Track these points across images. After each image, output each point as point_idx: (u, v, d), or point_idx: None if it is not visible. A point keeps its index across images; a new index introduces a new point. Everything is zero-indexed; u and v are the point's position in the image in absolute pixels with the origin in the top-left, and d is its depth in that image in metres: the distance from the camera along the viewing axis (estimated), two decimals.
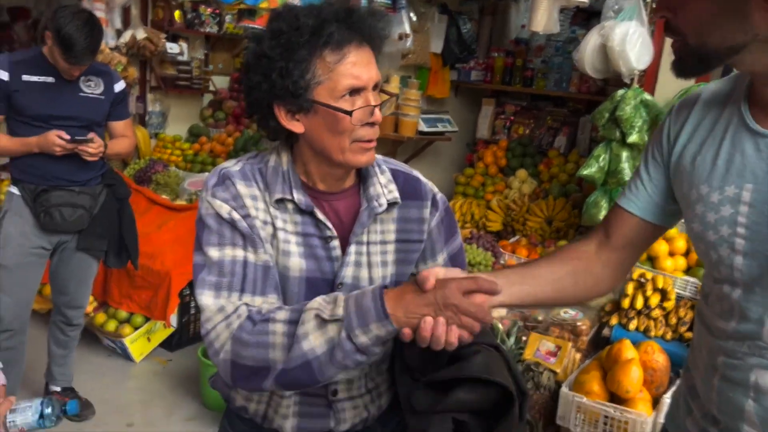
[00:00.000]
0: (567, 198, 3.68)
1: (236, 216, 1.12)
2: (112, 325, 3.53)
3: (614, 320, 2.58)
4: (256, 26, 3.39)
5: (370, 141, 1.13)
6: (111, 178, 2.88)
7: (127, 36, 4.21)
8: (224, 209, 1.12)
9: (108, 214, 2.85)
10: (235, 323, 1.07)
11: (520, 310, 2.72)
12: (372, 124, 1.12)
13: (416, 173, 1.29)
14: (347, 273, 1.17)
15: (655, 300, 2.56)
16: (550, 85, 4.34)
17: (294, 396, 1.21)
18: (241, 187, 1.14)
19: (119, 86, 2.77)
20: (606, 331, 2.58)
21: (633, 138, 2.82)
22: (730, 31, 0.89)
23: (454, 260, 1.30)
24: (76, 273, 2.85)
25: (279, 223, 1.14)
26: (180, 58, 4.63)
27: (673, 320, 2.54)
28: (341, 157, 1.12)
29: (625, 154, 2.87)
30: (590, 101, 4.23)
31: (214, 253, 1.11)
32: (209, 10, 4.68)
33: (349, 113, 1.09)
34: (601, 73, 3.06)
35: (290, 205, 1.15)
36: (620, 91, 2.90)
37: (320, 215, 1.15)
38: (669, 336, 2.52)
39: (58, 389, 3.00)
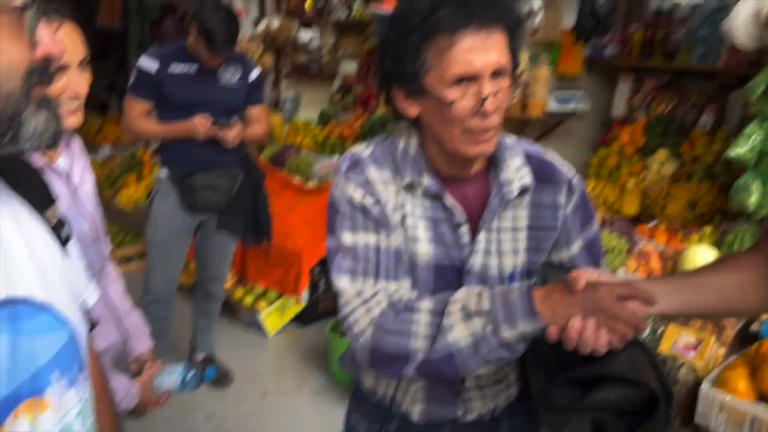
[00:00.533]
0: (713, 181, 3.39)
1: (369, 201, 1.12)
2: (249, 300, 3.76)
3: (765, 314, 2.34)
4: (383, 12, 3.42)
5: (484, 132, 1.07)
6: (248, 162, 3.05)
7: (262, 25, 4.42)
8: (357, 194, 1.12)
9: (245, 195, 3.02)
10: (376, 310, 1.08)
11: None
12: (484, 115, 1.06)
13: (552, 155, 1.23)
14: (476, 260, 1.15)
15: None
16: (696, 58, 3.98)
17: (423, 382, 1.21)
18: (373, 172, 1.14)
19: (255, 73, 2.92)
20: (755, 326, 2.35)
21: None
22: None
23: (590, 249, 1.23)
24: (217, 249, 3.06)
25: (408, 208, 1.14)
26: (311, 45, 4.79)
27: None
28: (452, 145, 1.09)
29: None
30: (742, 75, 3.83)
31: (347, 238, 1.13)
32: None
33: (450, 103, 1.05)
34: (755, 43, 2.77)
35: (419, 190, 1.14)
36: None
37: (449, 200, 1.13)
38: None
39: (201, 356, 3.25)
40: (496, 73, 1.05)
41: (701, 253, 2.58)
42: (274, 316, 3.75)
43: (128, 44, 6.10)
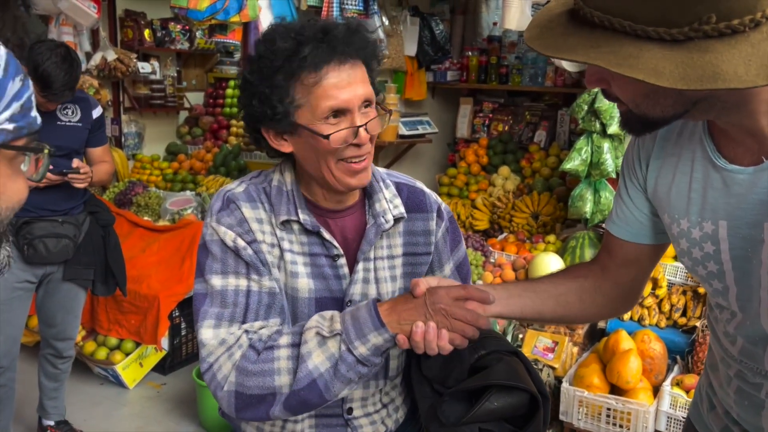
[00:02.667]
0: (551, 192, 3.69)
1: (241, 243, 1.11)
2: (102, 353, 3.47)
3: (602, 320, 2.59)
4: (228, 41, 3.36)
5: (358, 161, 1.10)
6: (94, 205, 2.84)
7: (97, 58, 4.15)
8: (229, 236, 1.11)
9: (93, 242, 2.80)
10: (237, 354, 1.07)
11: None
12: (358, 145, 1.09)
13: (420, 184, 1.28)
14: (356, 290, 1.17)
15: (647, 289, 2.58)
16: (526, 80, 4.36)
17: (308, 419, 1.21)
18: (247, 211, 1.13)
19: (97, 112, 2.72)
20: (601, 323, 2.59)
21: (613, 128, 2.84)
22: (669, 105, 0.82)
23: (461, 269, 1.31)
24: (63, 304, 2.80)
25: (285, 245, 1.14)
26: (152, 77, 4.58)
27: (666, 307, 2.56)
28: (329, 178, 1.11)
29: (606, 145, 2.89)
30: (567, 94, 4.26)
31: (216, 281, 1.11)
32: (179, 27, 4.64)
33: (327, 137, 1.06)
34: (576, 66, 3.08)
35: (296, 226, 1.15)
36: None
37: (326, 235, 1.15)
38: (663, 323, 2.54)
39: (52, 423, 2.94)
40: (365, 104, 1.09)
41: (548, 261, 2.79)
42: (133, 368, 3.49)
43: None
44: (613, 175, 2.91)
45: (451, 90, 4.86)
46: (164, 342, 3.53)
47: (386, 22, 3.87)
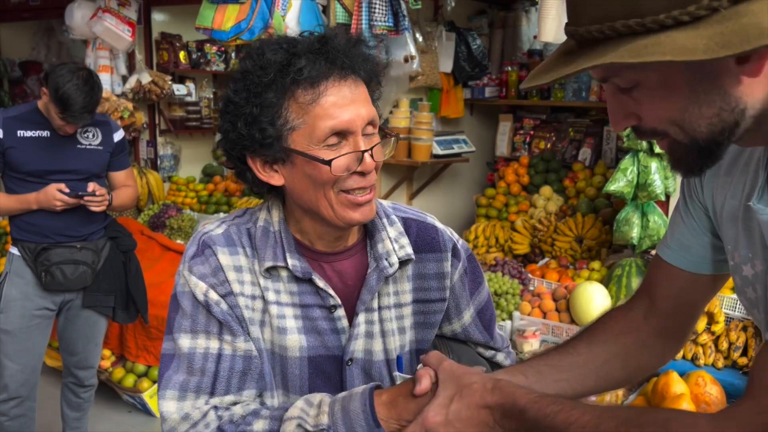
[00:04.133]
0: (597, 214, 3.46)
1: (213, 297, 0.96)
2: (130, 380, 3.41)
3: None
4: None
5: (362, 192, 0.94)
6: (114, 230, 2.78)
7: (132, 81, 4.16)
8: (200, 288, 0.96)
9: (113, 268, 2.74)
10: None
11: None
12: (362, 174, 0.93)
13: (432, 219, 1.11)
14: (357, 347, 1.01)
15: (701, 324, 2.33)
16: (569, 95, 4.14)
17: None
18: (223, 257, 0.97)
19: (118, 135, 2.68)
20: None
21: None
22: (715, 116, 0.69)
23: (482, 315, 1.13)
24: (83, 332, 2.74)
25: (271, 296, 0.98)
26: (188, 98, 4.57)
27: (724, 345, 2.31)
28: (331, 213, 0.95)
29: (654, 165, 2.66)
30: None
31: (184, 342, 0.96)
32: (214, 48, 4.62)
33: (328, 163, 0.91)
34: None
35: (284, 273, 0.98)
36: None
37: (319, 282, 0.98)
38: (720, 363, 2.28)
39: None
40: (369, 126, 0.95)
41: (591, 292, 2.57)
42: None
43: None
44: (662, 198, 2.68)
45: (490, 107, 4.68)
46: None
47: (420, 39, 3.73)
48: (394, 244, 1.02)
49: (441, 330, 1.10)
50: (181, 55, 4.46)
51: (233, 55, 4.70)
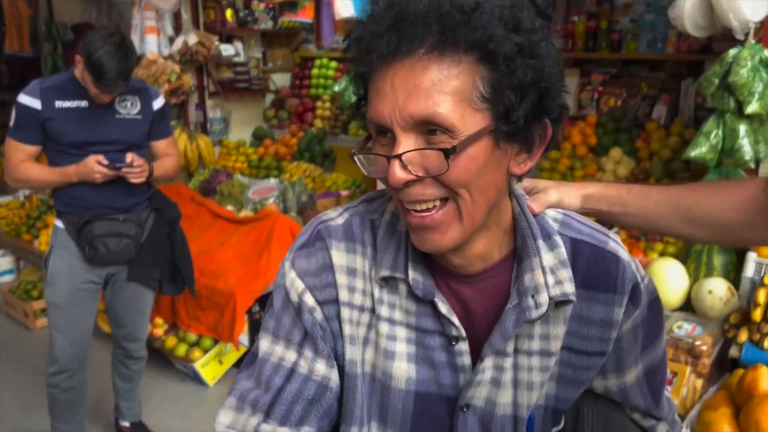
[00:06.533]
0: (672, 179, 3.15)
1: (308, 301, 0.81)
2: (182, 349, 3.39)
3: (743, 336, 2.09)
4: (298, 19, 3.09)
5: (416, 212, 0.73)
6: (159, 201, 2.70)
7: (179, 42, 4.05)
8: (296, 287, 0.82)
9: (158, 240, 2.68)
10: None
11: None
12: (396, 187, 0.72)
13: (615, 244, 0.84)
14: (479, 394, 0.82)
15: None
16: (643, 47, 3.78)
17: None
18: (338, 256, 0.82)
19: (158, 103, 2.57)
20: (734, 350, 2.10)
21: (753, 107, 2.29)
22: None
23: (651, 377, 0.89)
24: (130, 304, 2.70)
25: (384, 311, 0.81)
26: (236, 59, 4.44)
27: None
28: (408, 227, 0.77)
29: (743, 128, 2.34)
30: (692, 62, 3.64)
31: (264, 344, 0.83)
32: (262, 5, 4.45)
33: (352, 155, 0.75)
34: (705, 30, 2.54)
35: (402, 286, 0.81)
36: (732, 51, 2.37)
37: (442, 307, 0.79)
38: None
39: (127, 425, 2.89)
40: (426, 128, 0.70)
41: (666, 271, 2.32)
42: (212, 365, 3.39)
43: (42, 71, 5.66)
44: (752, 165, 2.37)
45: None
46: (244, 338, 3.40)
47: None
48: (549, 276, 0.79)
49: (591, 384, 0.89)
50: (228, 13, 4.31)
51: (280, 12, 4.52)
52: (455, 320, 0.80)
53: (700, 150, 2.41)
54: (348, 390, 0.83)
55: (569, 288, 0.79)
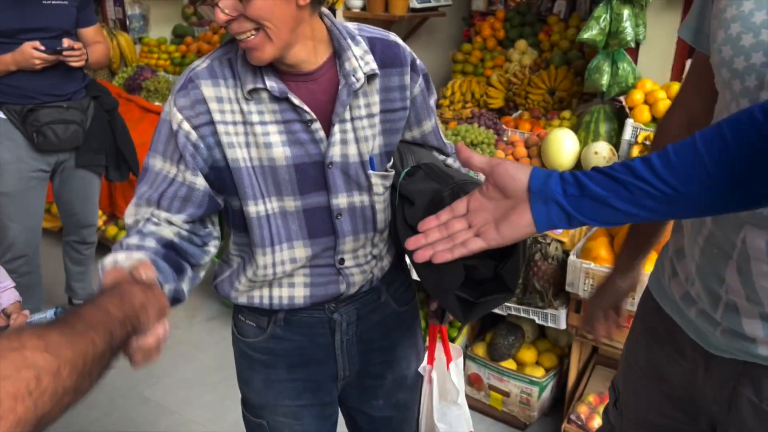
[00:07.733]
0: (569, 66, 3.54)
1: (185, 127, 1.11)
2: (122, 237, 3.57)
3: None
4: None
5: (242, 39, 1.04)
6: (96, 89, 2.81)
7: None
8: (176, 118, 1.11)
9: (100, 127, 2.80)
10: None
11: None
12: (227, 24, 1.03)
13: (394, 37, 1.23)
14: (335, 152, 1.17)
15: None
16: None
17: (303, 269, 1.25)
18: (207, 89, 1.11)
19: None
20: None
21: None
22: None
23: (437, 129, 1.33)
24: (79, 191, 2.85)
25: (255, 117, 1.12)
26: None
27: None
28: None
29: (626, 12, 2.71)
30: None
31: (156, 161, 1.15)
32: None
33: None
34: None
35: (264, 94, 1.12)
36: None
37: (295, 100, 1.12)
38: None
39: (81, 302, 3.09)
40: None
41: (561, 137, 2.72)
42: None
43: None
44: (632, 45, 2.76)
45: None
46: None
47: None
48: (360, 61, 1.14)
49: (404, 136, 1.29)
50: None
51: None
52: (306, 108, 1.12)
53: (591, 32, 2.77)
54: (237, 179, 1.14)
55: (374, 66, 1.16)
